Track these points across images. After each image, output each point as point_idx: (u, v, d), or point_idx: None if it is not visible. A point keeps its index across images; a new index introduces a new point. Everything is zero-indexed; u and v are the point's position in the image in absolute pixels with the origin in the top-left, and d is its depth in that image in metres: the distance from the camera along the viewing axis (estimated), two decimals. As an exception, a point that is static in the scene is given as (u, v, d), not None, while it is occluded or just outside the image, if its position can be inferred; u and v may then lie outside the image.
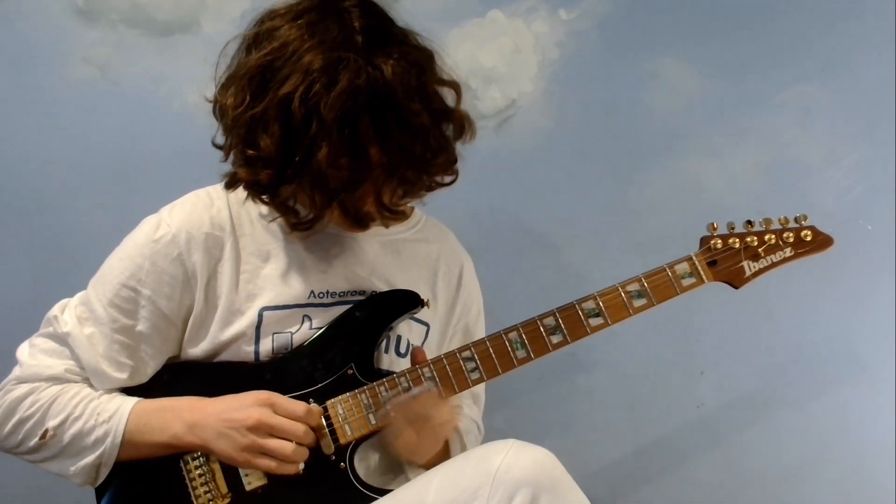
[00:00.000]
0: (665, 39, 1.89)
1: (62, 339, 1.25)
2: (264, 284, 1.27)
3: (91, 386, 1.25)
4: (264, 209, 1.30)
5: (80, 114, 1.79)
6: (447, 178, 1.25)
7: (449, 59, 1.24)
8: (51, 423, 1.21)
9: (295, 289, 1.27)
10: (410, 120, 1.13)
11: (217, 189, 1.31)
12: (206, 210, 1.27)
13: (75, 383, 1.24)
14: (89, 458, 1.21)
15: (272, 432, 1.18)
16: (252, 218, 1.30)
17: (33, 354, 1.25)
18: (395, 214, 1.24)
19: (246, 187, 1.21)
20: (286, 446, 1.18)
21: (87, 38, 1.79)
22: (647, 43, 1.89)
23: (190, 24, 1.81)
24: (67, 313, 1.26)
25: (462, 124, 1.23)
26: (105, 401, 1.22)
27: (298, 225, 1.22)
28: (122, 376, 1.24)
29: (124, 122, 1.80)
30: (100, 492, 1.25)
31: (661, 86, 1.89)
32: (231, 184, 1.24)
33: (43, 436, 1.21)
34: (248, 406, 1.18)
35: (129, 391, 1.27)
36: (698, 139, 1.90)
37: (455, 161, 1.24)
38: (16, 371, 1.25)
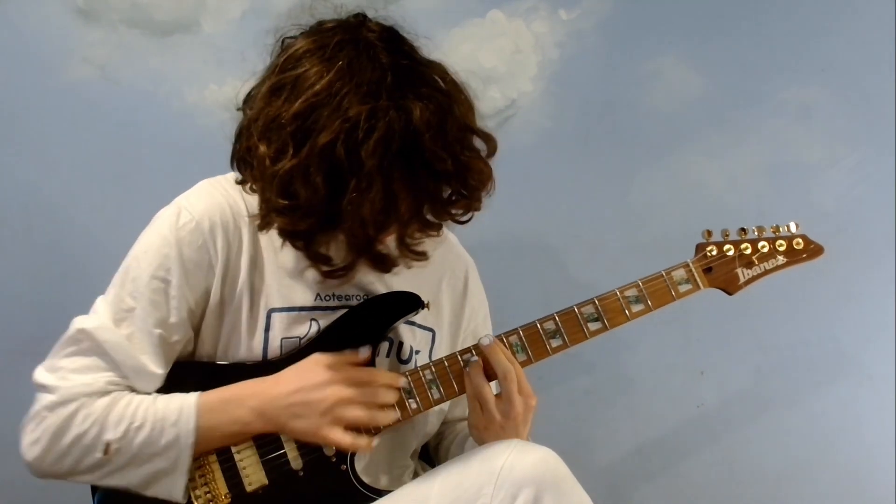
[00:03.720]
0: (665, 39, 1.89)
1: (95, 351, 1.20)
2: (272, 283, 1.26)
3: (136, 392, 1.22)
4: None
5: (80, 114, 1.79)
6: (463, 218, 1.24)
7: (479, 102, 1.23)
8: (110, 436, 1.16)
9: (301, 291, 1.27)
10: (435, 165, 1.12)
11: (228, 179, 1.29)
12: (224, 198, 1.26)
13: (122, 392, 1.20)
14: (161, 465, 1.17)
15: (355, 401, 1.19)
16: None
17: (64, 377, 1.19)
18: (417, 255, 1.24)
19: (281, 234, 1.20)
20: (374, 412, 1.20)
21: (87, 38, 1.79)
22: (647, 43, 1.89)
23: (190, 24, 1.81)
24: (98, 320, 1.21)
25: (482, 177, 1.20)
26: (163, 404, 1.19)
27: (332, 273, 1.22)
28: (162, 371, 1.22)
29: (124, 122, 1.80)
30: (95, 490, 1.23)
31: (661, 86, 1.89)
32: (264, 226, 1.22)
33: (106, 450, 1.16)
34: (322, 386, 1.18)
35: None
36: (698, 139, 1.90)
37: (477, 208, 1.23)
38: (46, 399, 1.18)
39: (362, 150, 1.09)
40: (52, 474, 1.20)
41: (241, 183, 1.24)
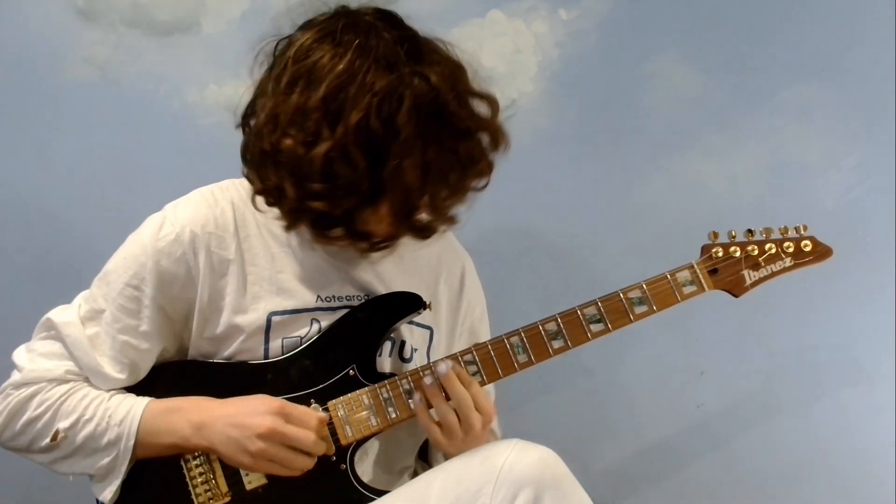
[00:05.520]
0: (665, 39, 1.89)
1: (60, 342, 1.24)
2: (271, 288, 1.26)
3: (94, 386, 1.24)
4: (270, 213, 1.29)
5: (80, 114, 1.79)
6: (481, 183, 1.26)
7: (479, 67, 1.25)
8: (62, 425, 1.20)
9: (302, 293, 1.27)
10: (458, 125, 1.16)
11: (221, 188, 1.30)
12: (211, 210, 1.26)
13: (82, 383, 1.24)
14: (103, 461, 1.21)
15: (284, 441, 1.17)
16: (257, 221, 1.29)
17: (32, 359, 1.24)
18: (450, 220, 1.25)
19: (316, 224, 1.20)
20: (295, 457, 1.18)
21: (87, 38, 1.79)
22: (647, 43, 1.89)
23: (190, 24, 1.81)
24: (69, 314, 1.25)
25: (497, 135, 1.24)
26: (116, 403, 1.22)
27: (376, 246, 1.23)
28: (122, 376, 1.24)
29: (124, 122, 1.80)
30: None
31: (661, 86, 1.89)
32: (294, 225, 1.23)
33: (54, 437, 1.21)
34: (260, 413, 1.18)
35: (131, 389, 1.27)
36: (698, 139, 1.89)
37: (491, 167, 1.25)
38: (15, 376, 1.25)
39: (398, 119, 1.11)
40: (11, 448, 1.26)
41: (262, 193, 1.23)
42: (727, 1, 1.88)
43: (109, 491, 1.22)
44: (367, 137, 1.12)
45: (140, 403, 1.22)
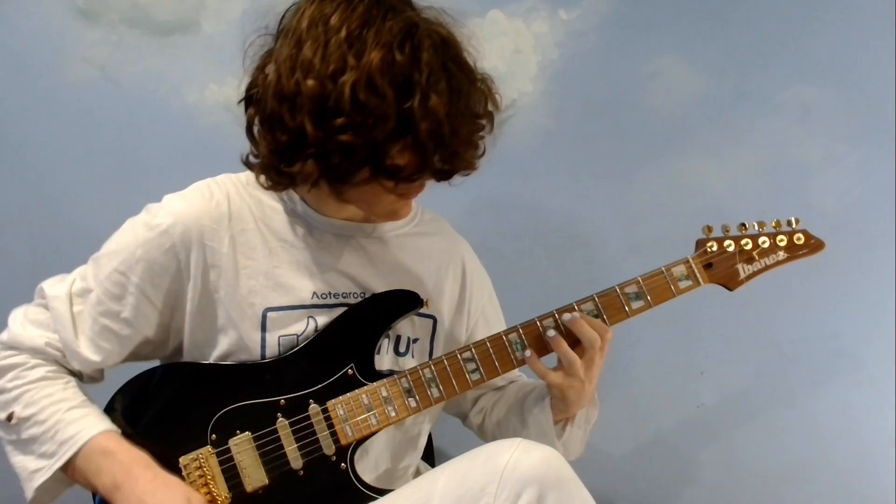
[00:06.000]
0: (665, 39, 1.89)
1: (49, 312, 1.25)
2: (267, 283, 1.26)
3: (72, 368, 1.25)
4: (271, 203, 1.28)
5: (80, 114, 1.79)
6: (479, 152, 1.25)
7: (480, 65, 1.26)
8: (18, 410, 1.20)
9: (297, 290, 1.27)
10: (469, 73, 1.20)
11: (217, 182, 1.30)
12: (206, 202, 1.26)
13: (63, 377, 1.24)
14: (32, 465, 1.20)
15: None
16: (254, 215, 1.29)
17: (23, 323, 1.26)
18: (470, 163, 1.23)
19: (340, 168, 1.16)
20: None
21: (87, 38, 1.79)
22: (647, 43, 1.89)
23: (190, 24, 1.82)
24: (60, 288, 1.26)
25: (493, 88, 1.26)
26: (72, 418, 1.20)
27: (407, 178, 1.19)
28: (95, 358, 1.24)
29: (124, 122, 1.80)
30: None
31: (661, 86, 1.89)
32: (314, 178, 1.19)
33: (9, 417, 1.21)
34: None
35: (132, 388, 1.26)
36: (698, 139, 1.90)
37: (493, 122, 1.26)
38: (3, 335, 1.26)
39: (422, 54, 1.13)
40: None
41: (275, 154, 1.19)
42: (727, 1, 1.89)
43: (29, 492, 1.21)
44: (392, 70, 1.12)
45: (87, 432, 1.19)
